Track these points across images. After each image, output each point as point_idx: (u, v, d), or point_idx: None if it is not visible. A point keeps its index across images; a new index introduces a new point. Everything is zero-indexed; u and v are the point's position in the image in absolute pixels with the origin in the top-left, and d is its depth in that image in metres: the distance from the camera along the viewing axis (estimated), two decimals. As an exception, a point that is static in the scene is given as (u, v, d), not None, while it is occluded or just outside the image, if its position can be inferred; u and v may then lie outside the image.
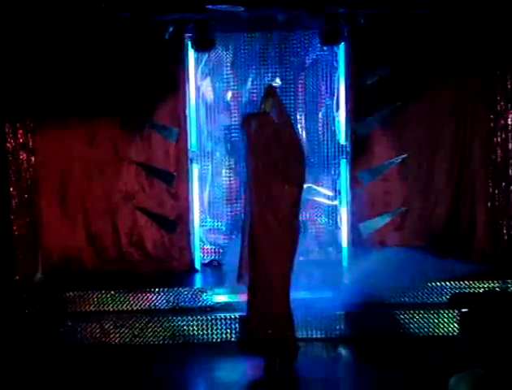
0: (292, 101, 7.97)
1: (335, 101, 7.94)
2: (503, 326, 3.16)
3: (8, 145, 7.44)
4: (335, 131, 7.98)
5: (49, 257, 7.84)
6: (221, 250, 8.09)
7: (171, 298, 7.07)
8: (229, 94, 8.02)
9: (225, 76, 8.01)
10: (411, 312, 6.89)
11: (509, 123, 7.70)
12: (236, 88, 8.01)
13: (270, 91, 6.16)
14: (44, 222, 7.86)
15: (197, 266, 7.91)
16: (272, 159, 5.82)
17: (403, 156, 7.89)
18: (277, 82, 7.88)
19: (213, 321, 6.83)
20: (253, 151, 5.89)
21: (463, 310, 3.38)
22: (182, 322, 6.81)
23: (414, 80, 7.76)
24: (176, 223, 7.91)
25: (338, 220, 8.01)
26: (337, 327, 6.87)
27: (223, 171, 8.09)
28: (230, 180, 8.07)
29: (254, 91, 7.90)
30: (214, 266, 8.02)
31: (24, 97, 7.57)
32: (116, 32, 7.52)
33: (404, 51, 7.71)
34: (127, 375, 6.04)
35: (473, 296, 6.64)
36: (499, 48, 7.62)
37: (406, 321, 6.87)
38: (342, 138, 7.92)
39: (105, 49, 7.62)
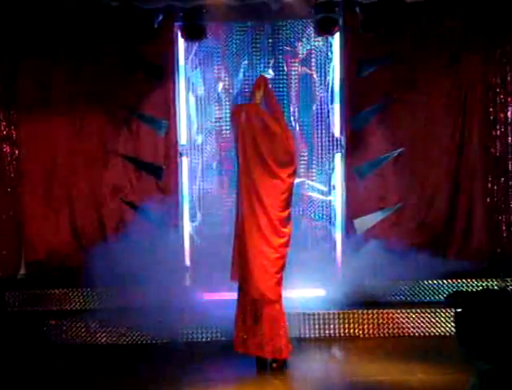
0: (286, 93, 7.78)
1: (329, 93, 7.76)
2: (498, 326, 3.03)
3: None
4: (329, 124, 7.80)
5: (32, 252, 7.70)
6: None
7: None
8: (220, 85, 7.83)
9: (216, 67, 7.81)
10: (407, 311, 6.78)
11: (509, 116, 7.60)
12: (227, 79, 7.82)
13: (261, 82, 5.97)
14: (28, 216, 7.71)
15: (187, 262, 7.71)
16: (262, 152, 5.66)
17: (399, 150, 7.71)
18: (270, 73, 7.70)
19: (203, 319, 6.67)
20: (242, 144, 5.73)
21: (457, 310, 3.25)
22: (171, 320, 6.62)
23: (411, 71, 7.62)
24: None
25: (332, 216, 7.83)
26: (331, 326, 6.74)
27: (214, 164, 7.89)
28: (221, 174, 7.87)
29: (246, 82, 7.70)
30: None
31: (8, 88, 7.46)
32: (104, 20, 7.35)
33: (400, 42, 7.57)
34: (113, 375, 5.87)
35: (470, 295, 6.55)
36: (497, 39, 7.52)
37: (402, 320, 6.76)
38: (337, 131, 7.74)
39: (92, 37, 7.47)
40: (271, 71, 7.76)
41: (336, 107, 7.67)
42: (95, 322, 6.67)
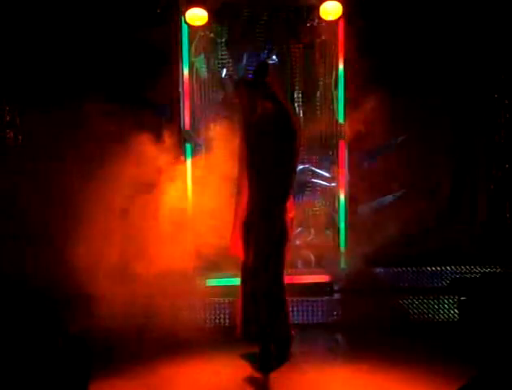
0: (289, 79, 7.76)
1: (333, 80, 7.71)
2: (503, 313, 3.02)
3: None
4: (333, 110, 7.76)
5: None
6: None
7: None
8: (224, 71, 7.80)
9: (220, 52, 7.79)
10: (410, 297, 6.79)
11: (514, 102, 7.60)
12: (231, 64, 7.80)
13: (263, 67, 5.90)
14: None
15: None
16: (264, 138, 5.61)
17: (402, 137, 7.69)
18: (273, 59, 7.67)
19: (206, 306, 6.72)
20: (245, 129, 5.69)
21: (462, 298, 3.25)
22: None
23: (417, 58, 7.60)
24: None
25: (335, 202, 7.82)
26: (334, 313, 6.77)
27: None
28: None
29: (250, 68, 7.68)
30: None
31: (10, 73, 7.43)
32: (104, 4, 7.34)
33: (407, 27, 7.54)
34: (117, 362, 5.86)
35: (474, 282, 6.55)
36: (505, 23, 7.51)
37: (405, 306, 6.78)
38: (341, 118, 7.71)
39: (93, 23, 7.45)
40: (274, 56, 7.73)
41: (341, 93, 7.63)
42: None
